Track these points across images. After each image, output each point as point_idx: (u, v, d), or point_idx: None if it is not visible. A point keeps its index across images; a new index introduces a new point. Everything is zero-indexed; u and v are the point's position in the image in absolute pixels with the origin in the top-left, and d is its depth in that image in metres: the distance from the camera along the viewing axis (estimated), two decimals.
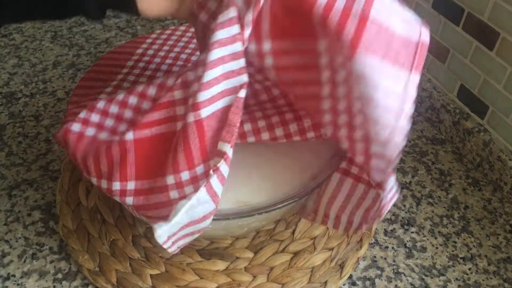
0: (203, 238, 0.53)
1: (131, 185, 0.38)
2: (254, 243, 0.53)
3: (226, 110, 0.36)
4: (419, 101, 0.69)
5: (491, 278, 0.51)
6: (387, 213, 0.57)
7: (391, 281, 0.51)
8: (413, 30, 0.34)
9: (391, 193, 0.41)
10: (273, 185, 0.48)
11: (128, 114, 0.40)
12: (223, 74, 0.36)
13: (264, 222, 0.50)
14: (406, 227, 0.56)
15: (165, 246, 0.37)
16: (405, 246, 0.54)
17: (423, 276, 0.51)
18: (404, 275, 0.51)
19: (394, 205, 0.58)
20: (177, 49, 0.56)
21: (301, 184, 0.46)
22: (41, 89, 0.72)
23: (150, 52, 0.56)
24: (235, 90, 0.36)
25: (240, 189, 0.48)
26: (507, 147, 0.58)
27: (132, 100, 0.40)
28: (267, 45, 0.37)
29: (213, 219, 0.42)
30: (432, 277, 0.51)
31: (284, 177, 0.49)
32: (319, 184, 0.45)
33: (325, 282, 0.50)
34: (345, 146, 0.39)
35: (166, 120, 0.38)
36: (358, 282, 0.51)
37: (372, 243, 0.54)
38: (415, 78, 0.34)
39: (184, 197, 0.36)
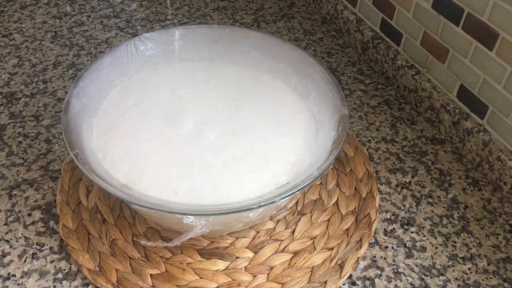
0: (203, 238, 0.53)
1: None
2: (254, 243, 0.53)
3: None
4: (419, 101, 0.69)
5: (490, 278, 0.51)
6: (387, 213, 0.57)
7: (390, 281, 0.51)
8: None
9: None
10: (249, 187, 0.48)
11: None
12: None
13: (261, 215, 0.50)
14: (406, 227, 0.56)
15: None
16: (405, 246, 0.54)
17: (423, 276, 0.51)
18: (404, 275, 0.51)
19: (394, 205, 0.58)
20: None
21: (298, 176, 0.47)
22: (41, 89, 0.72)
23: None
24: None
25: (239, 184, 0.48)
26: (506, 147, 0.58)
27: None
28: None
29: (214, 214, 0.42)
30: (431, 277, 0.51)
31: (282, 169, 0.50)
32: (319, 176, 0.45)
33: (325, 282, 0.50)
34: None
35: None
36: (358, 282, 0.51)
37: (372, 243, 0.54)
38: None
39: None
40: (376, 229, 0.55)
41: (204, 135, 0.52)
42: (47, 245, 0.53)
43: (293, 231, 0.54)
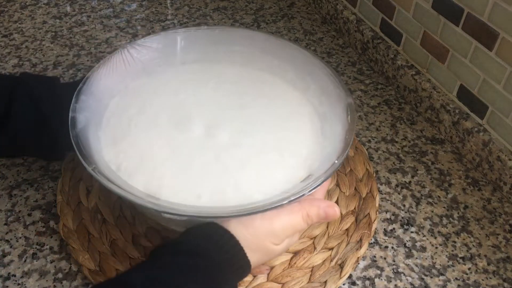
0: None
1: None
2: None
3: None
4: (418, 101, 0.69)
5: (490, 278, 0.51)
6: (387, 213, 0.57)
7: (390, 281, 0.51)
8: None
9: None
10: (271, 184, 0.48)
11: None
12: None
13: None
14: (405, 227, 0.56)
15: None
16: (405, 246, 0.54)
17: (423, 276, 0.51)
18: (404, 274, 0.51)
19: (394, 204, 0.58)
20: None
21: (299, 182, 0.47)
22: None
23: None
24: None
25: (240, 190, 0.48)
26: (506, 147, 0.58)
27: None
28: None
29: (216, 217, 0.42)
30: (431, 277, 0.51)
31: (297, 163, 0.50)
32: (339, 165, 0.45)
33: (325, 282, 0.50)
34: None
35: None
36: (358, 282, 0.51)
37: (371, 243, 0.54)
38: None
39: None
40: (376, 229, 0.55)
41: (215, 136, 0.51)
42: (47, 245, 0.53)
43: None
